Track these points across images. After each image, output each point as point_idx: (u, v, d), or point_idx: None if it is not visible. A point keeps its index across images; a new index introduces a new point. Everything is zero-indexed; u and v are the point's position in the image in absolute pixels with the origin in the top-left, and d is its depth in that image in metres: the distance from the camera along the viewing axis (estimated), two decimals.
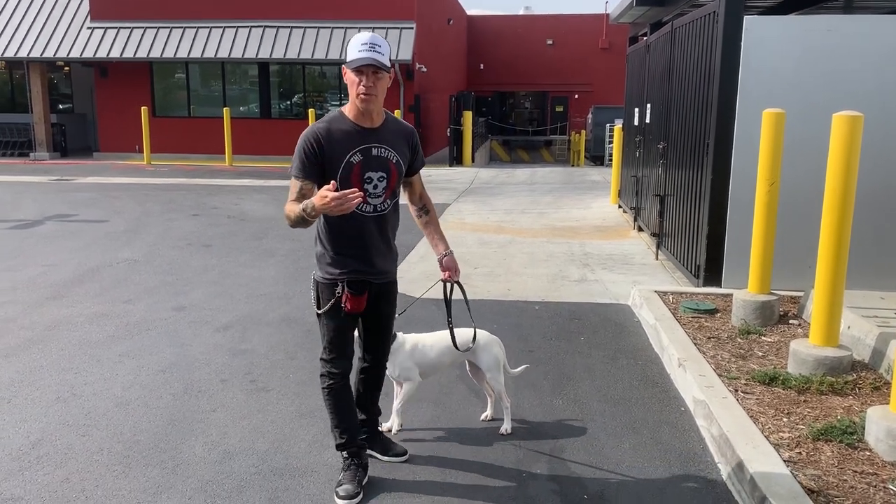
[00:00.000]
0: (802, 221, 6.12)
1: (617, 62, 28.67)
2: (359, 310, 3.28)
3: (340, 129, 3.17)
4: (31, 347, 5.24)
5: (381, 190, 3.22)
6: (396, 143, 3.27)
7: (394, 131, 3.29)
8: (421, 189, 3.54)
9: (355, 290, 3.24)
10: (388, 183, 3.23)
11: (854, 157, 4.33)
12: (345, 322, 3.31)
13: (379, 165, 3.20)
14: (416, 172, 3.45)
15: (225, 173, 17.71)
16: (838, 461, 3.44)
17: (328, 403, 3.39)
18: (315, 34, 20.34)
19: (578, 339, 5.54)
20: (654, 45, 9.43)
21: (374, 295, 3.34)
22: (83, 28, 20.99)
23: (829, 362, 4.41)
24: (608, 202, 13.21)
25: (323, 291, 3.29)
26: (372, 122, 3.20)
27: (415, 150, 3.38)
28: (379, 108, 3.20)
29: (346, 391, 3.41)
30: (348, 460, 3.40)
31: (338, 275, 3.24)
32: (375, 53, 3.04)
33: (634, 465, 3.63)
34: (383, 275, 3.35)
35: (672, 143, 8.03)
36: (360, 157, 3.15)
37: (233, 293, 6.77)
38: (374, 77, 3.07)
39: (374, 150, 3.19)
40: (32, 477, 3.46)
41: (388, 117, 3.31)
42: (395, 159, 3.25)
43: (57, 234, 9.64)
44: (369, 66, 3.04)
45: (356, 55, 3.04)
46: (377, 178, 3.20)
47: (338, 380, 3.35)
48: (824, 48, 6.12)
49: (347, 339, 3.37)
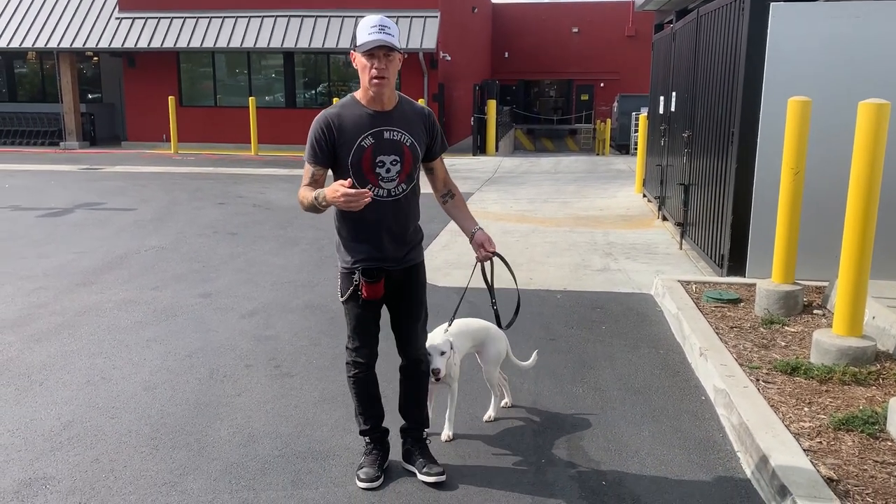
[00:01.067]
0: (828, 210, 6.05)
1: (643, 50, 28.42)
2: (376, 297, 3.23)
3: (352, 113, 3.14)
4: (62, 332, 5.37)
5: (395, 174, 3.16)
6: (411, 126, 3.19)
7: (408, 114, 3.21)
8: (444, 175, 3.44)
9: (370, 277, 3.18)
10: (402, 167, 3.16)
11: (880, 145, 4.28)
12: (365, 310, 3.28)
13: (392, 149, 3.14)
14: (436, 157, 3.36)
15: (250, 162, 17.87)
16: (859, 451, 3.43)
17: (352, 391, 3.40)
18: (340, 23, 20.38)
19: (600, 328, 5.55)
20: (679, 33, 9.34)
21: (396, 282, 3.28)
22: (112, 18, 21.25)
23: (852, 352, 4.38)
24: (633, 191, 13.13)
25: (343, 280, 3.29)
26: (384, 106, 3.15)
27: (433, 133, 3.29)
28: (391, 92, 3.14)
29: (370, 381, 3.40)
30: (370, 445, 3.43)
31: (352, 262, 3.23)
32: (386, 35, 2.98)
33: (653, 452, 3.65)
34: (401, 261, 3.27)
35: (697, 131, 7.97)
36: (371, 141, 3.11)
37: (258, 280, 6.86)
38: (386, 60, 3.02)
39: (387, 134, 3.14)
40: (64, 457, 3.56)
41: (402, 100, 3.24)
42: (410, 142, 3.18)
43: (86, 221, 9.82)
44: (381, 49, 2.99)
45: (366, 38, 2.99)
46: (390, 162, 3.13)
47: (361, 369, 3.35)
48: (851, 35, 6.03)
49: (370, 328, 3.32)
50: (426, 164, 3.35)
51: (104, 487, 3.29)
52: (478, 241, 3.30)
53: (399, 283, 3.30)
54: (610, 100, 29.12)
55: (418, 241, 3.37)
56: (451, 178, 3.48)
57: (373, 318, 3.32)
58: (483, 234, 3.32)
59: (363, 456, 3.43)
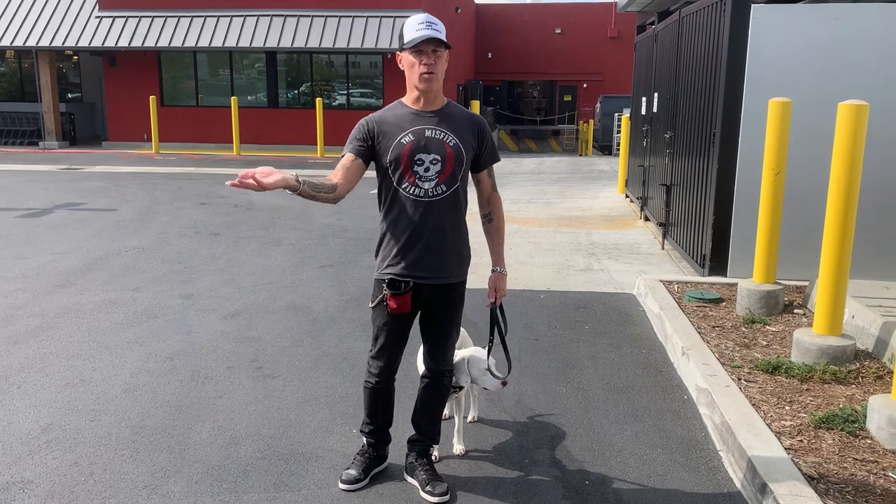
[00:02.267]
0: (809, 211, 6.12)
1: (626, 51, 28.60)
2: (403, 311, 3.09)
3: (395, 113, 3.09)
4: (41, 334, 5.31)
5: (434, 174, 3.02)
6: (458, 129, 3.09)
7: (457, 117, 3.12)
8: (490, 191, 3.26)
9: (396, 289, 3.06)
10: (443, 167, 3.03)
11: (859, 146, 4.33)
12: (389, 324, 3.15)
13: (432, 147, 3.03)
14: (484, 168, 3.20)
15: (233, 162, 17.76)
16: (839, 449, 3.46)
17: (364, 397, 3.33)
18: (322, 23, 20.32)
19: (583, 328, 5.56)
20: (661, 34, 9.39)
21: (428, 298, 3.13)
22: (91, 17, 21.05)
23: (832, 351, 4.42)
24: (615, 192, 13.19)
25: (375, 286, 3.19)
26: (430, 106, 3.07)
27: (483, 141, 3.15)
28: (439, 92, 3.06)
29: (383, 394, 3.29)
30: (365, 447, 3.37)
31: (382, 270, 3.12)
32: (433, 31, 2.92)
33: (636, 452, 3.66)
34: (435, 275, 3.10)
35: (679, 132, 8.01)
36: (411, 138, 3.02)
37: (240, 281, 6.82)
38: (435, 55, 2.96)
39: (428, 132, 3.04)
40: (42, 461, 3.51)
41: (451, 104, 3.15)
42: (454, 143, 3.05)
43: (66, 222, 9.71)
44: (429, 43, 2.92)
45: (414, 35, 2.92)
46: (429, 161, 3.02)
47: (375, 381, 3.26)
48: (832, 37, 6.10)
49: (392, 341, 3.19)
50: (474, 175, 3.23)
51: (83, 491, 3.25)
52: (490, 282, 3.23)
53: (431, 300, 3.15)
54: (593, 101, 29.22)
55: (460, 258, 3.19)
56: (498, 199, 3.29)
57: (398, 331, 3.19)
58: (494, 279, 3.22)
59: (356, 455, 3.38)
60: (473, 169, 3.21)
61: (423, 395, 3.35)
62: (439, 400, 3.35)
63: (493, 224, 3.28)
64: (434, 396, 3.34)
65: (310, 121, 20.22)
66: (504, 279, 3.25)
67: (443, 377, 3.32)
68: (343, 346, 5.11)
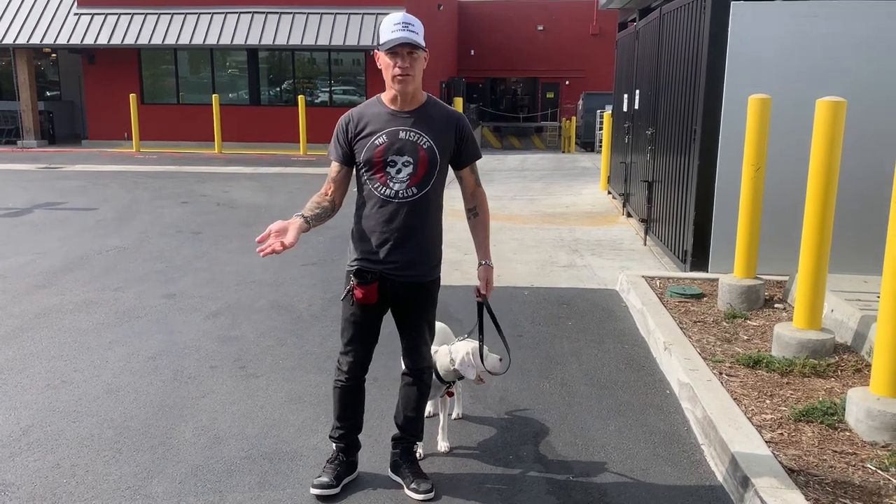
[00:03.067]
0: (788, 206, 6.18)
1: (607, 48, 28.69)
2: (368, 301, 3.09)
3: (372, 112, 3.08)
4: (21, 335, 5.25)
5: (406, 175, 3.02)
6: (435, 129, 3.07)
7: (435, 116, 3.09)
8: (474, 186, 3.24)
9: (362, 279, 3.08)
10: (415, 169, 3.03)
11: (837, 142, 4.38)
12: (357, 315, 3.15)
13: (406, 149, 3.02)
14: (465, 166, 3.19)
15: (214, 160, 17.65)
16: (819, 441, 3.50)
17: (333, 398, 3.31)
18: (304, 20, 20.23)
19: (566, 324, 5.59)
20: (642, 31, 9.44)
21: (397, 293, 3.14)
22: (70, 14, 20.83)
23: (811, 345, 4.47)
24: (598, 188, 13.25)
25: (345, 278, 3.20)
26: (406, 105, 3.06)
27: (462, 139, 3.13)
28: (416, 91, 3.04)
29: (353, 392, 3.27)
30: (335, 453, 3.32)
31: (352, 261, 3.16)
32: (409, 32, 2.91)
33: (619, 446, 3.69)
34: (403, 272, 3.10)
35: (660, 129, 8.06)
36: (384, 140, 3.02)
37: (222, 280, 6.79)
38: (410, 57, 2.94)
39: (403, 133, 3.03)
40: (23, 463, 3.48)
41: (430, 101, 3.12)
42: (428, 145, 3.04)
43: (46, 222, 9.61)
44: (404, 46, 2.92)
45: (389, 36, 2.91)
46: (402, 163, 3.02)
47: (345, 379, 3.24)
48: (810, 34, 6.16)
49: (362, 337, 3.19)
50: (454, 172, 3.23)
51: (65, 493, 3.23)
52: (481, 275, 3.22)
53: (402, 297, 3.16)
54: (575, 97, 29.32)
55: (431, 259, 3.18)
56: (482, 194, 3.27)
57: (365, 325, 3.18)
58: (485, 272, 3.21)
59: (326, 463, 3.32)
60: (454, 166, 3.20)
61: (404, 392, 3.36)
62: (420, 397, 3.35)
63: (479, 218, 3.27)
64: (415, 394, 3.33)
65: (292, 118, 20.14)
66: (492, 272, 3.27)
67: (422, 374, 3.32)
68: (327, 344, 5.10)
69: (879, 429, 3.47)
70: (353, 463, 3.37)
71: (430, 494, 3.21)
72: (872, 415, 3.49)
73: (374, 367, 4.35)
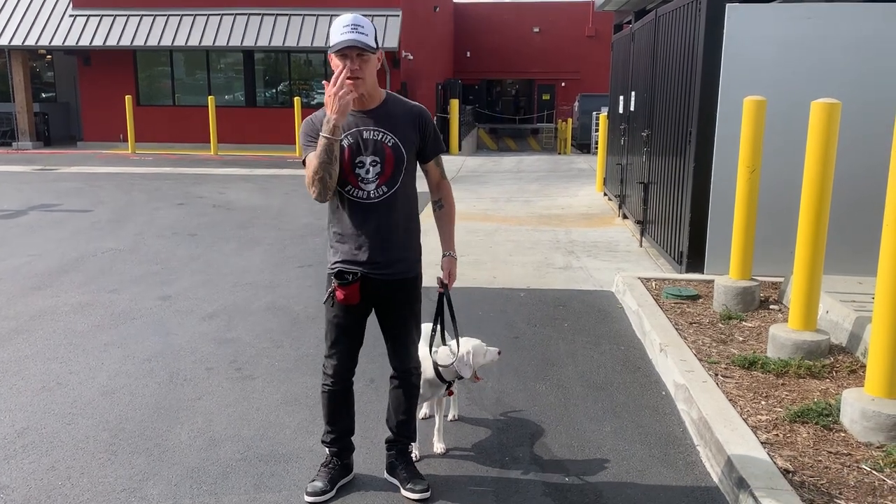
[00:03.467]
0: (784, 208, 6.18)
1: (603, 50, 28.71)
2: (350, 302, 3.09)
3: None
4: (16, 337, 5.24)
5: (374, 175, 3.02)
6: (397, 126, 3.05)
7: (395, 113, 3.08)
8: (438, 179, 3.24)
9: (342, 280, 3.07)
10: (383, 168, 3.02)
11: (832, 143, 4.39)
12: (340, 317, 3.15)
13: (371, 149, 3.01)
14: (430, 159, 3.18)
15: (210, 162, 17.63)
16: (814, 442, 3.51)
17: (322, 403, 3.29)
18: (300, 22, 20.23)
19: (562, 326, 5.59)
20: (638, 33, 9.46)
21: (380, 292, 3.13)
22: (65, 16, 20.78)
23: (807, 346, 4.48)
24: (594, 190, 13.27)
25: (327, 281, 3.19)
26: (364, 105, 3.03)
27: (425, 133, 3.12)
28: (371, 91, 3.02)
29: (341, 396, 3.27)
30: (328, 457, 3.31)
31: (332, 264, 3.14)
32: (358, 34, 2.88)
33: (615, 448, 3.69)
34: (385, 270, 3.10)
35: (656, 130, 8.08)
36: (350, 141, 3.01)
37: (218, 282, 6.78)
38: (360, 60, 2.91)
39: (366, 133, 3.02)
40: (18, 465, 3.47)
41: (390, 98, 3.11)
42: (393, 143, 3.03)
43: (41, 223, 9.59)
44: (353, 49, 2.89)
45: (338, 38, 2.89)
46: (369, 163, 3.01)
47: (331, 383, 3.23)
48: (805, 36, 6.18)
49: (346, 340, 3.18)
50: (420, 166, 3.20)
51: (60, 496, 3.22)
52: (444, 267, 3.22)
53: (385, 296, 3.15)
54: (571, 99, 29.37)
55: (411, 254, 3.19)
56: (447, 186, 3.28)
57: (349, 326, 3.17)
58: (447, 263, 3.22)
59: (320, 467, 3.30)
60: (419, 160, 3.19)
61: (394, 395, 3.35)
62: (410, 399, 3.34)
63: (444, 210, 3.28)
64: (404, 396, 3.33)
65: (288, 120, 20.10)
66: (456, 263, 3.26)
67: (410, 375, 3.32)
68: (323, 346, 5.07)
69: (874, 429, 3.48)
70: (348, 466, 3.36)
71: (426, 495, 3.21)
72: (867, 416, 3.50)
73: (370, 368, 4.37)
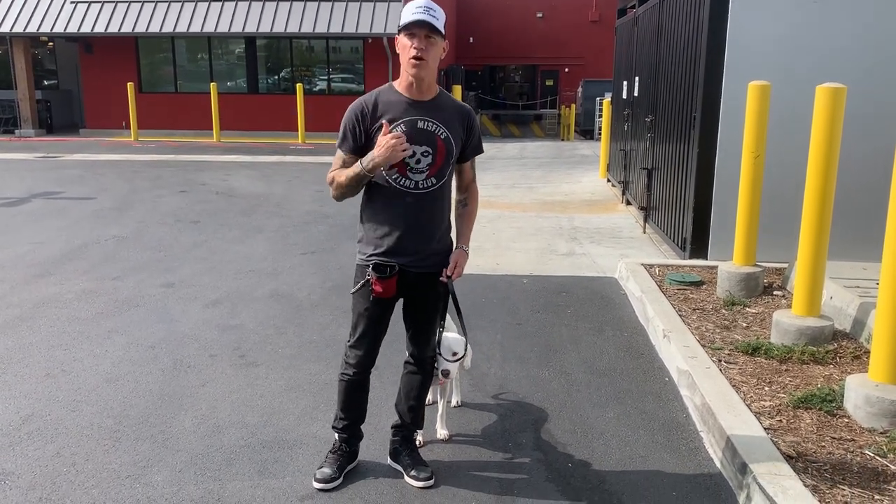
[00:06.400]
0: (788, 193, 6.16)
1: (607, 35, 28.55)
2: (387, 295, 3.06)
3: (387, 99, 3.01)
4: (20, 325, 5.25)
5: (425, 166, 2.99)
6: (449, 121, 3.04)
7: (448, 108, 3.07)
8: (471, 180, 3.24)
9: (381, 272, 3.03)
10: (434, 159, 3.00)
11: (837, 128, 4.36)
12: (371, 309, 3.11)
13: (423, 139, 2.98)
14: (468, 159, 3.18)
15: (213, 149, 17.61)
16: (817, 428, 3.51)
17: (339, 389, 3.27)
18: (302, 8, 20.13)
19: (565, 312, 5.59)
20: (642, 18, 9.39)
21: (413, 284, 3.11)
22: (67, 2, 20.71)
23: (810, 332, 4.47)
24: (597, 176, 13.23)
25: (357, 273, 3.14)
26: (422, 95, 3.01)
27: (471, 133, 3.13)
28: (431, 80, 3.01)
29: (360, 387, 3.25)
30: (337, 444, 3.30)
31: (368, 256, 3.08)
32: (430, 17, 2.86)
33: (618, 434, 3.70)
34: (422, 263, 3.09)
35: (659, 116, 8.04)
36: (402, 129, 2.96)
37: (221, 269, 6.78)
38: (427, 41, 2.88)
39: (420, 123, 2.99)
40: (23, 451, 3.49)
41: (443, 93, 3.09)
42: (445, 136, 3.02)
43: (44, 211, 9.60)
44: (422, 28, 2.86)
45: (409, 17, 2.87)
46: (420, 153, 2.97)
47: (352, 373, 3.21)
48: (810, 20, 6.13)
49: (374, 330, 3.16)
50: (457, 165, 3.18)
51: (66, 482, 3.24)
52: (452, 258, 3.14)
53: (417, 287, 3.14)
54: (574, 85, 29.22)
55: (447, 248, 3.18)
56: (476, 189, 3.28)
57: (379, 318, 3.15)
58: (458, 255, 3.15)
59: (328, 454, 3.30)
60: (458, 159, 3.17)
61: (407, 380, 3.35)
62: (423, 385, 3.35)
63: (468, 208, 3.27)
64: (418, 382, 3.33)
65: (290, 107, 20.07)
66: (466, 258, 3.21)
67: (426, 363, 3.31)
68: (326, 333, 5.10)
69: (878, 415, 3.48)
70: (355, 452, 3.37)
71: (430, 482, 3.22)
72: (871, 401, 3.50)
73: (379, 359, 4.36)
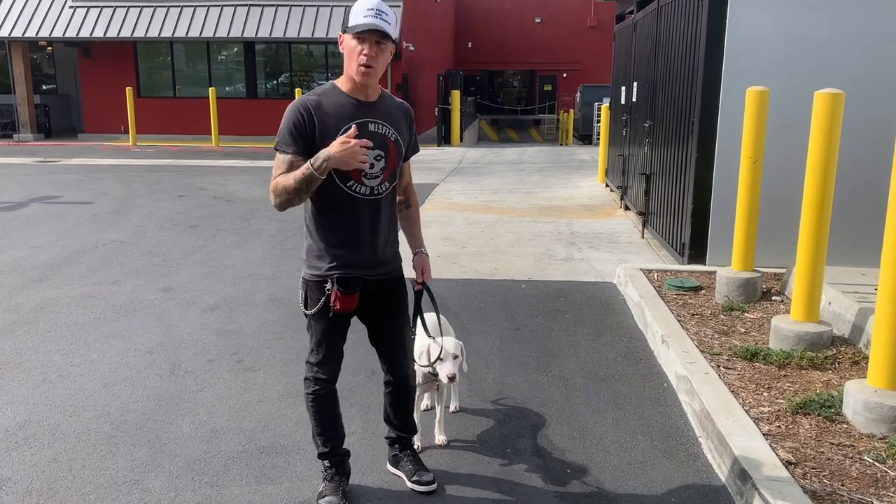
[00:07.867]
0: (786, 199, 6.16)
1: (605, 40, 28.61)
2: (349, 309, 2.95)
3: (333, 101, 2.83)
4: (17, 329, 5.24)
5: (379, 170, 2.86)
6: (395, 121, 2.94)
7: (392, 108, 2.96)
8: (408, 180, 3.17)
9: (346, 287, 2.90)
10: (387, 163, 2.88)
11: (835, 134, 4.36)
12: (335, 323, 2.98)
13: (376, 142, 2.83)
14: (408, 158, 3.08)
15: (211, 154, 17.61)
16: (816, 434, 3.51)
17: (311, 410, 3.08)
18: (301, 13, 20.16)
19: (564, 317, 5.58)
20: (640, 23, 9.41)
21: (373, 294, 2.99)
22: (65, 7, 20.72)
23: (809, 337, 4.47)
24: (595, 181, 13.24)
25: (311, 290, 2.97)
26: (368, 96, 2.87)
27: (411, 131, 3.04)
28: (376, 84, 2.87)
29: (332, 398, 3.11)
30: (331, 470, 3.12)
31: (325, 270, 2.91)
32: (381, 21, 2.71)
33: (617, 439, 3.69)
34: (379, 270, 2.98)
35: (658, 121, 8.04)
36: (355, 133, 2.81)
37: (219, 274, 6.77)
38: (377, 47, 2.74)
39: (371, 126, 2.85)
40: (20, 457, 3.47)
41: (384, 93, 2.98)
42: (395, 137, 2.91)
43: (42, 216, 9.59)
44: (373, 34, 2.71)
45: (360, 20, 2.71)
46: (374, 157, 2.82)
47: (323, 386, 3.05)
48: (808, 26, 6.14)
49: (337, 343, 3.04)
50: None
51: (62, 487, 3.22)
52: (417, 265, 3.12)
53: (376, 296, 3.02)
54: (573, 90, 29.27)
55: (397, 251, 3.10)
56: (412, 186, 3.22)
57: (340, 331, 3.04)
58: (421, 260, 3.13)
59: (323, 481, 3.11)
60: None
61: (392, 399, 3.26)
62: (409, 400, 3.28)
63: (412, 209, 3.21)
64: (403, 399, 3.26)
65: None
66: (428, 260, 3.18)
67: (408, 380, 3.23)
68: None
69: (877, 421, 3.47)
70: (349, 472, 3.22)
71: (433, 486, 3.18)
72: (870, 407, 3.49)
73: (370, 360, 4.36)
